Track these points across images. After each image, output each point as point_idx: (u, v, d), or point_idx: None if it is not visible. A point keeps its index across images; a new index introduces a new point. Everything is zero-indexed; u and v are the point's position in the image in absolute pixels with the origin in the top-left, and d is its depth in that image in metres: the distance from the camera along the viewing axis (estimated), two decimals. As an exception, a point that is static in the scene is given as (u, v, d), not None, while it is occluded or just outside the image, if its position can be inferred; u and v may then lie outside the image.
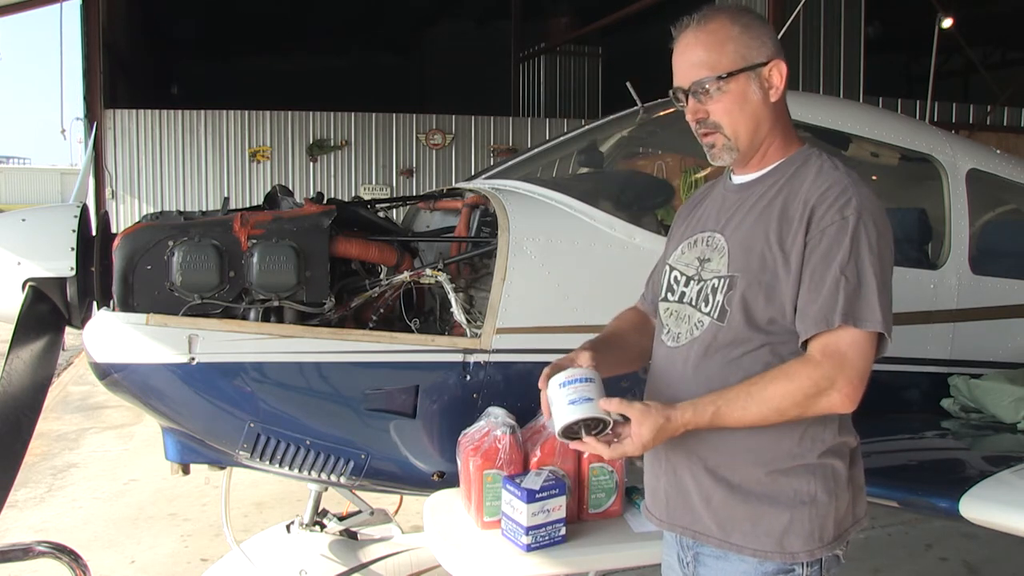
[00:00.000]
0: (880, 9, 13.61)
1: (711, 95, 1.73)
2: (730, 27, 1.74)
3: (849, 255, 1.62)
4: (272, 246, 2.63)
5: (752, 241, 1.73)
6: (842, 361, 1.60)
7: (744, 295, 1.70)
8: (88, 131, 12.77)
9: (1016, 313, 3.59)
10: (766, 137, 1.78)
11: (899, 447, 3.12)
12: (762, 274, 1.70)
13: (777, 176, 1.78)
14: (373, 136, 13.81)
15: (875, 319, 1.61)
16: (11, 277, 2.57)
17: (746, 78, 1.73)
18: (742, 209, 1.79)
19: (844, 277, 1.61)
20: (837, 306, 1.60)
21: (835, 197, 1.66)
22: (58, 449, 6.31)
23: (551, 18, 16.35)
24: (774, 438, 1.69)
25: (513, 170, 3.63)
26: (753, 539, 1.70)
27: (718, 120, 1.75)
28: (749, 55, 1.73)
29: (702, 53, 1.73)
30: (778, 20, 11.29)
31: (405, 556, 3.33)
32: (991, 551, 4.38)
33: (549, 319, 2.76)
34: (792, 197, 1.71)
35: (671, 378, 1.82)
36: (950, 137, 3.74)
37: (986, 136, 13.09)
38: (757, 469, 1.71)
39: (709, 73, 1.72)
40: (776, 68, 1.75)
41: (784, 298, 1.68)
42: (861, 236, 1.63)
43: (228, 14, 18.35)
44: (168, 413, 2.66)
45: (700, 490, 1.76)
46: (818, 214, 1.65)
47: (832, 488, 1.71)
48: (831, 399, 1.61)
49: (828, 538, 1.71)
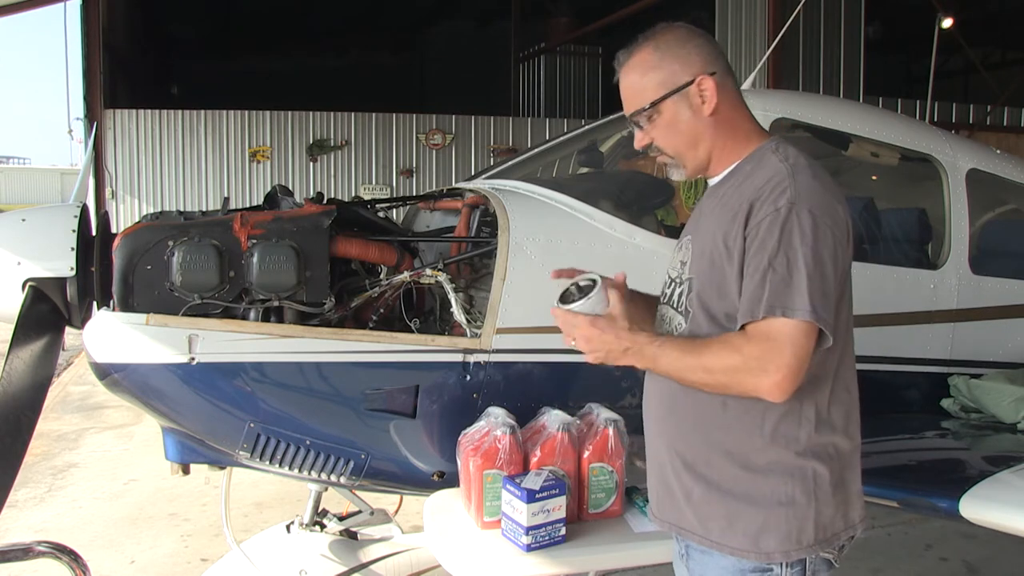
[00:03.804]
0: (880, 9, 13.63)
1: (647, 123, 1.83)
2: (651, 55, 1.81)
3: (779, 246, 1.61)
4: (272, 246, 2.62)
5: (705, 242, 1.78)
6: (771, 347, 1.59)
7: (699, 295, 1.76)
8: (88, 131, 12.78)
9: (1016, 313, 3.59)
10: (711, 149, 1.83)
11: (899, 447, 3.12)
12: (712, 273, 1.74)
13: (736, 177, 1.81)
14: (373, 136, 13.81)
15: (804, 307, 1.58)
16: (11, 277, 2.57)
17: (672, 103, 1.79)
18: (706, 211, 1.85)
19: (772, 268, 1.61)
20: (764, 296, 1.60)
21: (771, 190, 1.67)
22: (58, 449, 6.31)
23: (551, 18, 16.33)
24: (743, 433, 1.71)
25: (513, 170, 3.63)
26: (731, 537, 1.72)
27: (660, 145, 1.85)
28: (671, 79, 1.79)
29: (630, 86, 1.84)
30: (778, 20, 11.33)
31: (405, 556, 3.33)
32: (991, 551, 4.38)
33: (549, 319, 2.73)
34: (740, 194, 1.74)
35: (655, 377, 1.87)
36: (950, 137, 3.74)
37: (986, 136, 13.10)
38: (732, 466, 1.72)
39: (639, 105, 1.82)
40: (702, 83, 1.78)
41: (733, 295, 1.70)
42: (793, 226, 1.61)
43: (228, 14, 18.36)
44: (168, 413, 2.66)
45: (682, 486, 1.79)
46: (755, 209, 1.67)
47: (812, 490, 1.70)
48: (759, 382, 1.59)
49: (808, 540, 1.70)
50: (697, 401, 1.75)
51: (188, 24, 18.83)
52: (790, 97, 3.65)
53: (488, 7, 18.27)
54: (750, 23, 11.92)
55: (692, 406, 1.77)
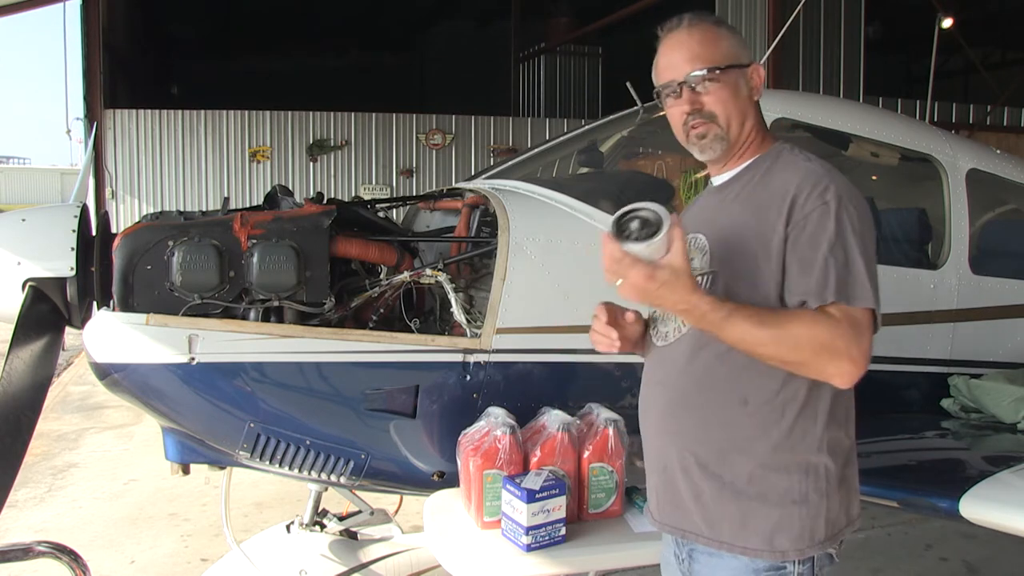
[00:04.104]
0: (880, 9, 13.63)
1: (706, 86, 1.81)
2: (719, 28, 1.87)
3: (836, 236, 1.65)
4: (272, 246, 2.63)
5: (731, 236, 1.77)
6: (856, 331, 1.61)
7: (728, 287, 1.74)
8: (88, 131, 12.77)
9: (1016, 313, 3.59)
10: (750, 131, 1.86)
11: (899, 447, 3.13)
12: (743, 266, 1.74)
13: (753, 172, 1.84)
14: (373, 136, 13.81)
15: (867, 296, 1.64)
16: (11, 277, 2.57)
17: (736, 74, 1.83)
18: (722, 207, 1.85)
19: (832, 257, 1.64)
20: (829, 283, 1.63)
21: (813, 185, 1.70)
22: (58, 449, 6.31)
23: (551, 18, 16.33)
24: (761, 429, 1.71)
25: (513, 170, 3.63)
26: (742, 537, 1.72)
27: (712, 110, 1.82)
28: (738, 54, 1.84)
29: (697, 48, 1.82)
30: (778, 20, 11.32)
31: (405, 556, 3.33)
32: (991, 551, 4.38)
33: (549, 319, 2.76)
34: (768, 190, 1.76)
35: (664, 376, 1.85)
36: (950, 137, 3.74)
37: (986, 136, 13.10)
38: (748, 463, 1.72)
39: (705, 65, 1.80)
40: (756, 71, 1.87)
41: (768, 287, 1.71)
42: (844, 219, 1.66)
43: (228, 14, 18.36)
44: (168, 413, 2.66)
45: (691, 486, 1.77)
46: (799, 202, 1.69)
47: (824, 488, 1.72)
48: (840, 364, 1.59)
49: (820, 538, 1.72)
50: (714, 398, 1.75)
51: (188, 24, 18.83)
52: (790, 97, 3.64)
53: (488, 7, 18.27)
54: (750, 23, 11.91)
55: (708, 403, 1.76)
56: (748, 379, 1.71)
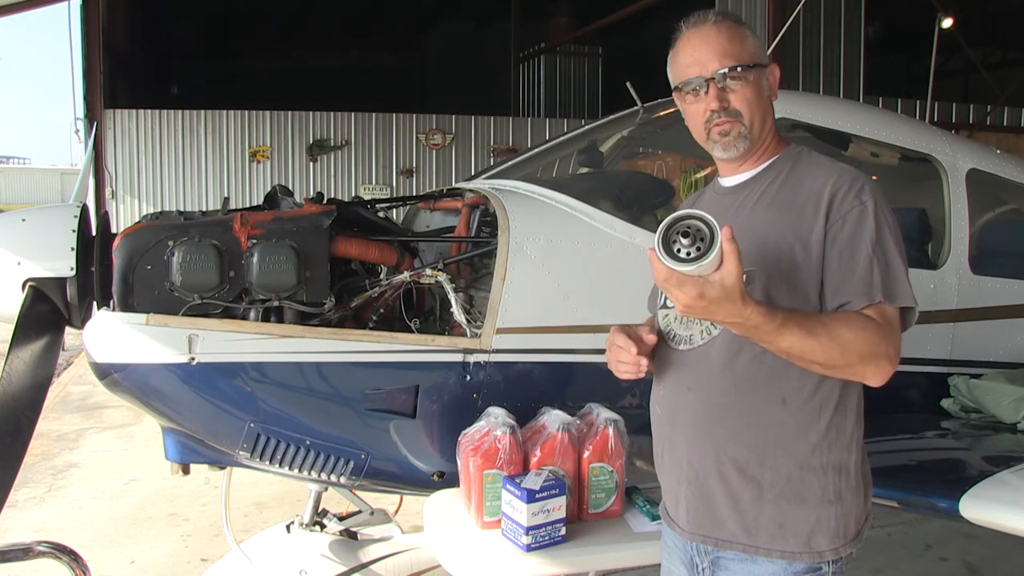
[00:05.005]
0: (880, 9, 13.63)
1: (734, 84, 1.80)
2: (743, 27, 1.86)
3: (877, 236, 1.68)
4: (272, 246, 2.62)
5: (765, 235, 1.74)
6: (893, 332, 1.64)
7: (765, 288, 1.71)
8: (88, 131, 12.77)
9: (1016, 313, 3.59)
10: (770, 131, 1.86)
11: (899, 447, 3.12)
12: (780, 265, 1.72)
13: (774, 172, 1.83)
14: (373, 136, 13.81)
15: (906, 295, 1.67)
16: (11, 277, 2.57)
17: (760, 73, 1.83)
18: (744, 207, 1.82)
19: (875, 256, 1.66)
20: (875, 283, 1.65)
21: (849, 185, 1.72)
22: (58, 449, 6.31)
23: (551, 18, 16.33)
24: (799, 429, 1.71)
25: (513, 170, 3.63)
26: (781, 541, 1.72)
27: (738, 108, 1.80)
28: (761, 54, 1.85)
29: (727, 45, 1.80)
30: (778, 20, 11.32)
31: (405, 556, 3.33)
32: (991, 551, 4.38)
33: (549, 319, 2.76)
34: (798, 190, 1.76)
35: (695, 380, 1.80)
36: (950, 137, 3.74)
37: (986, 136, 13.11)
38: (787, 464, 1.72)
39: (736, 63, 1.79)
40: (773, 71, 1.87)
41: (807, 286, 1.71)
42: (882, 219, 1.70)
43: (228, 14, 18.35)
44: (168, 413, 2.66)
45: (728, 492, 1.75)
46: (836, 201, 1.71)
47: (854, 486, 1.75)
48: (880, 364, 1.62)
49: (850, 535, 1.74)
50: (754, 399, 1.73)
51: (188, 24, 18.81)
52: (790, 97, 3.63)
53: (488, 7, 18.26)
54: (750, 23, 11.77)
55: (750, 405, 1.73)
56: (786, 379, 1.71)
